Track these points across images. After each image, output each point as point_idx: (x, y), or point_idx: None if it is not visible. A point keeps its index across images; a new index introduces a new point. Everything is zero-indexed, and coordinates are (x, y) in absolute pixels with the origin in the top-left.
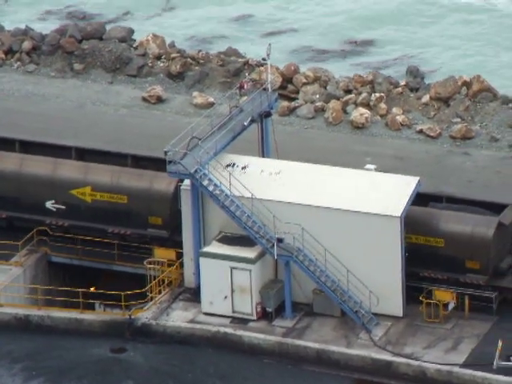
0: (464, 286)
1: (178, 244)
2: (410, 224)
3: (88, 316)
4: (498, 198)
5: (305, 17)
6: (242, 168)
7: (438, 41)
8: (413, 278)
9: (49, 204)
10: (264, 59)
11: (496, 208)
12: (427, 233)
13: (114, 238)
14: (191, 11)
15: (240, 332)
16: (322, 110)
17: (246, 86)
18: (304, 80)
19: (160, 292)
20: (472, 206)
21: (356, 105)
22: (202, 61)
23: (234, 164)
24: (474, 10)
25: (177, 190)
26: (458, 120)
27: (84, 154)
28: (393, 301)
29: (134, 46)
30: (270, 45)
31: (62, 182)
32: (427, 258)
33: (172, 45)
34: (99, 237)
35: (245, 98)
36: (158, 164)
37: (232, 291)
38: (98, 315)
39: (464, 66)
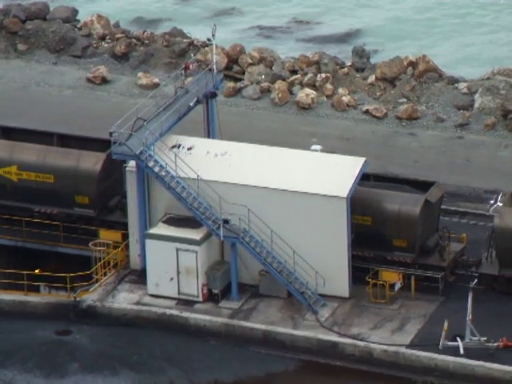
0: (409, 266)
1: (105, 223)
2: None
3: (33, 298)
4: (426, 176)
5: None
6: (188, 149)
7: (384, 20)
8: None
9: None
10: (209, 40)
11: (423, 186)
12: (354, 211)
13: (41, 218)
14: None
15: (186, 314)
16: (268, 90)
17: (191, 67)
18: (249, 60)
19: (105, 274)
20: (399, 185)
21: (302, 85)
22: (146, 41)
23: (179, 145)
24: None
25: (103, 168)
26: (404, 100)
27: (10, 133)
28: (339, 282)
29: (79, 26)
30: (214, 25)
31: None
32: (355, 236)
33: (116, 25)
34: (28, 217)
35: (190, 78)
36: (85, 143)
37: (178, 273)
38: (43, 297)
39: (410, 45)
